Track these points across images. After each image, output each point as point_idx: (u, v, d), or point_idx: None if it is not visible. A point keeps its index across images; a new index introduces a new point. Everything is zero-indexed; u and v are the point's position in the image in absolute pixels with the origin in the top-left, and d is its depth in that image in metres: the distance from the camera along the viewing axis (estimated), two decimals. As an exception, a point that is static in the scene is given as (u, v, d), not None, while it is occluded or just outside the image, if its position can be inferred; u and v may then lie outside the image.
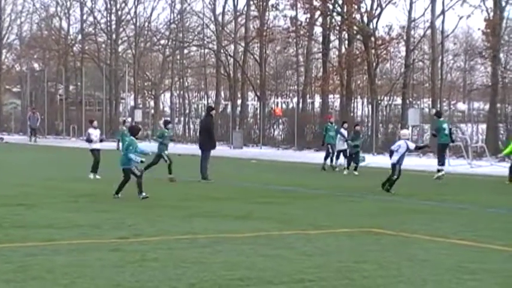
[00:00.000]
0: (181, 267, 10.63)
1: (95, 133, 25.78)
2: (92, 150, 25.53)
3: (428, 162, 35.87)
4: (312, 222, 15.62)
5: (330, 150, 31.14)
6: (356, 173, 28.88)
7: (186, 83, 66.71)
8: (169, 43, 65.13)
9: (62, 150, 46.29)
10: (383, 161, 36.04)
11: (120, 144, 29.70)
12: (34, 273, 10.12)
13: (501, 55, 43.84)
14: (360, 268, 10.80)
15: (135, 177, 19.21)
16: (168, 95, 67.10)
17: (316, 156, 40.96)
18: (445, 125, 27.95)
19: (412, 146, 22.39)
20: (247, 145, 49.22)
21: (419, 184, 25.71)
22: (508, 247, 12.66)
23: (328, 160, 31.26)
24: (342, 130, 30.77)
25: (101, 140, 26.00)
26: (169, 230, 14.19)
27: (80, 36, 70.21)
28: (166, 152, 24.73)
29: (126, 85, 63.31)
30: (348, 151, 29.91)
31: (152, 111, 64.24)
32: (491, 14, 42.88)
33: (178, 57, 65.04)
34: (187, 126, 58.99)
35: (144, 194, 18.92)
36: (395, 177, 21.66)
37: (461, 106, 23.96)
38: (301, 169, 32.39)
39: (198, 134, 25.71)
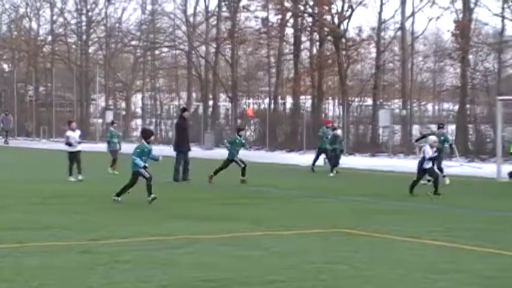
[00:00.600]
0: (153, 269, 10.59)
1: (73, 135, 25.27)
2: (70, 153, 25.00)
3: (397, 163, 36.04)
4: (284, 223, 15.62)
5: (319, 154, 30.93)
6: (331, 174, 28.83)
7: (158, 84, 66.50)
8: (141, 44, 64.89)
9: (33, 152, 45.97)
10: (354, 161, 36.21)
11: (106, 145, 29.56)
12: (4, 276, 10.03)
13: (470, 56, 44.12)
14: (332, 269, 10.82)
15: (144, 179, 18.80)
16: (139, 96, 66.82)
17: (288, 157, 41.03)
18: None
19: (428, 153, 22.04)
20: (219, 146, 49.16)
21: (391, 185, 25.81)
22: (479, 247, 12.73)
23: (321, 162, 31.07)
24: (336, 132, 30.54)
25: (79, 142, 25.38)
26: (140, 231, 14.13)
27: (50, 37, 69.73)
28: (237, 156, 25.04)
29: (97, 86, 62.98)
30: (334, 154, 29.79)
31: (123, 112, 63.96)
32: (461, 15, 43.19)
33: (149, 58, 64.81)
34: (158, 128, 58.81)
35: (152, 195, 18.58)
36: (433, 179, 21.76)
37: None
38: (273, 170, 32.40)
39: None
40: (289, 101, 53.96)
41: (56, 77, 68.53)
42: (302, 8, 48.87)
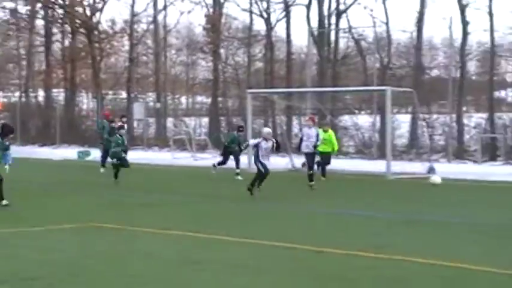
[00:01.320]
0: None
1: None
2: None
3: (152, 156, 36.36)
4: (36, 219, 15.28)
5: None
6: (102, 170, 28.13)
7: None
8: None
9: None
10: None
11: None
12: None
13: (221, 50, 45.27)
14: (86, 263, 10.76)
15: None
16: None
17: (40, 151, 40.11)
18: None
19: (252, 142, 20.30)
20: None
21: (146, 178, 26.01)
22: (230, 237, 13.13)
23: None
24: (114, 125, 29.75)
25: None
26: None
27: None
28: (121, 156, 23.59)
29: None
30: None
31: None
32: (211, 9, 44.19)
33: None
34: None
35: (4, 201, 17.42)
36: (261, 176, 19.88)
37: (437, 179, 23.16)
38: (26, 164, 31.49)
39: None
40: (41, 94, 52.68)
41: None
42: (53, -1, 47.84)
